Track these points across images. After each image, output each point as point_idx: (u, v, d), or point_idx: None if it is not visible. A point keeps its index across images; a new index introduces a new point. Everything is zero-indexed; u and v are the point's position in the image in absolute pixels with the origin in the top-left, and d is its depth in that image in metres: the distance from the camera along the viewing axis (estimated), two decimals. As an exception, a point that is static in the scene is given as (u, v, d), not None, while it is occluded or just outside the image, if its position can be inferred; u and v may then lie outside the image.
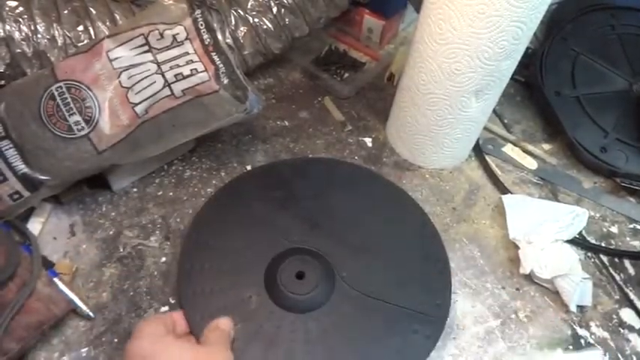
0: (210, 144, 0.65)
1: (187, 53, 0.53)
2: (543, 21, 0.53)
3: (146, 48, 0.52)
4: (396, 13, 0.79)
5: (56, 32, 0.57)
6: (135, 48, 0.52)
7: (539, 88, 0.71)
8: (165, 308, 0.51)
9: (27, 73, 0.57)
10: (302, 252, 0.52)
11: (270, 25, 0.65)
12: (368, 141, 0.68)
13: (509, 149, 0.70)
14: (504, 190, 0.64)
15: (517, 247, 0.57)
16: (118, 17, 0.60)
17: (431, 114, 0.59)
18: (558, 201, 0.65)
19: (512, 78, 0.58)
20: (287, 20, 0.66)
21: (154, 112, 0.52)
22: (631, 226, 0.64)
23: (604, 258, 0.60)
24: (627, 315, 0.56)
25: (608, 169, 0.67)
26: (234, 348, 0.45)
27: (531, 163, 0.68)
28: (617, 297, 0.57)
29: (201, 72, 0.52)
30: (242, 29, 0.64)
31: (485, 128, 0.70)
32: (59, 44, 0.57)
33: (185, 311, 0.47)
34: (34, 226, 0.54)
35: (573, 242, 0.60)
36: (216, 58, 0.53)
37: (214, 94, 0.53)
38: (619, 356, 0.52)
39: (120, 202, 0.58)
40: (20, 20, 0.56)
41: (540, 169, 0.68)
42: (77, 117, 0.50)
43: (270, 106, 0.70)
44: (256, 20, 0.65)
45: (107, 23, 0.59)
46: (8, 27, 0.55)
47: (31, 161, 0.50)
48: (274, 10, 0.65)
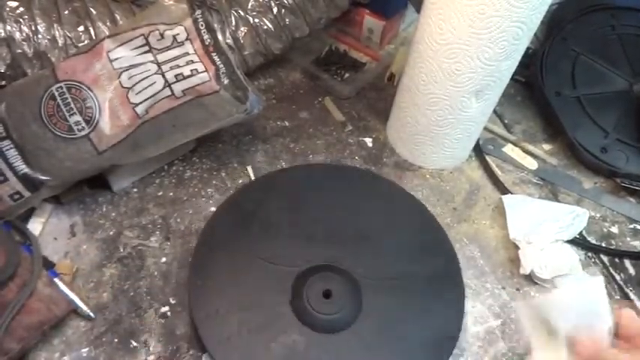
0: (210, 144, 0.65)
1: (188, 53, 0.53)
2: (543, 21, 0.53)
3: (146, 48, 0.52)
4: (397, 14, 0.79)
5: (57, 32, 0.57)
6: (135, 48, 0.52)
7: (539, 89, 0.71)
8: (165, 308, 0.51)
9: (28, 74, 0.57)
10: (325, 269, 0.50)
11: (270, 26, 0.65)
12: (368, 141, 0.68)
13: (509, 149, 0.70)
14: (504, 191, 0.64)
15: (517, 248, 0.57)
16: (119, 17, 0.60)
17: (431, 114, 0.59)
18: (558, 201, 0.65)
19: (512, 78, 0.58)
20: (287, 20, 0.66)
21: (155, 113, 0.52)
22: (631, 227, 0.64)
23: (604, 258, 0.60)
24: (628, 315, 0.56)
25: (608, 170, 0.67)
26: None
27: (532, 164, 0.68)
28: (617, 297, 0.57)
29: (201, 72, 0.52)
30: (242, 29, 0.64)
31: (485, 128, 0.70)
32: (60, 44, 0.57)
33: (199, 335, 0.45)
34: (35, 227, 0.54)
35: (574, 242, 0.60)
36: (216, 59, 0.53)
37: (215, 95, 0.53)
38: (619, 356, 0.52)
39: (120, 203, 0.58)
40: (21, 20, 0.56)
41: (540, 170, 0.68)
42: (77, 117, 0.50)
43: (270, 107, 0.70)
44: (257, 20, 0.65)
45: (107, 23, 0.59)
46: (9, 27, 0.55)
47: (32, 161, 0.50)
48: (275, 11, 0.65)
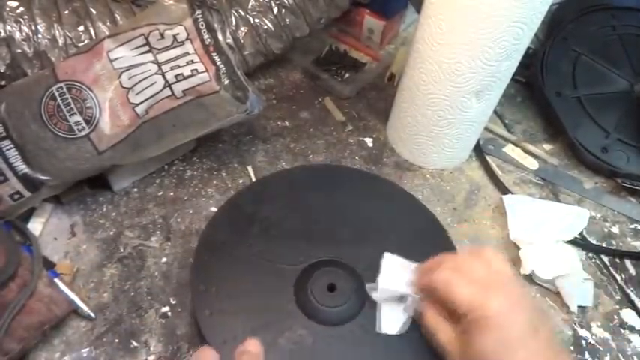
0: (210, 144, 0.65)
1: (188, 53, 0.53)
2: (544, 21, 0.53)
3: (147, 48, 0.52)
4: (397, 14, 0.79)
5: (57, 32, 0.57)
6: (135, 48, 0.52)
7: (539, 89, 0.71)
8: (166, 308, 0.51)
9: (28, 74, 0.57)
10: (328, 264, 0.50)
11: (270, 26, 0.65)
12: (368, 141, 0.68)
13: (509, 150, 0.70)
14: (505, 191, 0.64)
15: (518, 248, 0.57)
16: (119, 17, 0.60)
17: (431, 114, 0.59)
18: (559, 201, 0.65)
19: (512, 78, 0.58)
20: (287, 20, 0.66)
21: (155, 113, 0.52)
22: (632, 227, 0.64)
23: (605, 258, 0.60)
24: (628, 315, 0.56)
25: (609, 170, 0.67)
26: None
27: (532, 164, 0.68)
28: (618, 297, 0.57)
29: (201, 72, 0.52)
30: (242, 29, 0.64)
31: (485, 129, 0.70)
32: (60, 44, 0.57)
33: (203, 336, 0.45)
34: (35, 227, 0.54)
35: (574, 242, 0.60)
36: (216, 59, 0.53)
37: (215, 95, 0.53)
38: (620, 357, 0.52)
39: (120, 203, 0.58)
40: (21, 20, 0.56)
41: (541, 170, 0.68)
42: (78, 117, 0.50)
43: (270, 107, 0.70)
44: (257, 20, 0.65)
45: (108, 23, 0.59)
46: (9, 27, 0.55)
47: (32, 161, 0.50)
48: (275, 11, 0.65)
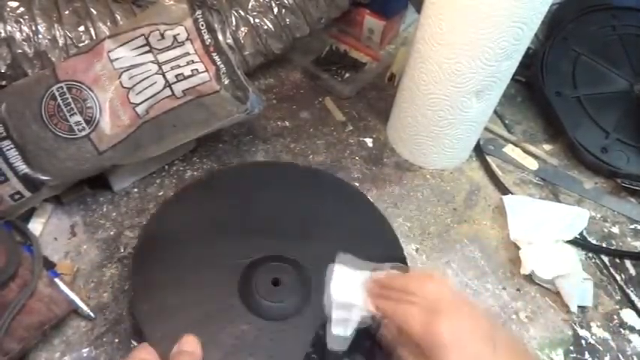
0: (210, 144, 0.65)
1: (188, 53, 0.53)
2: (544, 21, 0.53)
3: (147, 48, 0.52)
4: (397, 14, 0.79)
5: (57, 33, 0.57)
6: (136, 48, 0.52)
7: (540, 89, 0.71)
8: (166, 308, 0.51)
9: (28, 74, 0.57)
10: (273, 259, 0.50)
11: (270, 26, 0.65)
12: (369, 141, 0.68)
13: (509, 150, 0.70)
14: (505, 191, 0.64)
15: (518, 248, 0.58)
16: (119, 18, 0.60)
17: (431, 114, 0.59)
18: (559, 201, 0.65)
19: (513, 78, 0.58)
20: (288, 20, 0.66)
21: (155, 113, 0.52)
22: (632, 227, 0.64)
23: (605, 258, 0.60)
24: (628, 315, 0.56)
25: (609, 170, 0.67)
26: None
27: (532, 164, 0.68)
28: (618, 297, 0.57)
29: (201, 72, 0.52)
30: (243, 29, 0.64)
31: (485, 129, 0.70)
32: (60, 45, 0.57)
33: (143, 332, 0.45)
34: (35, 227, 0.54)
35: (574, 243, 0.60)
36: (216, 59, 0.53)
37: (215, 95, 0.53)
38: (620, 357, 0.52)
39: (121, 203, 0.58)
40: (21, 21, 0.56)
41: (541, 170, 0.68)
42: (78, 117, 0.50)
43: (270, 107, 0.70)
44: (257, 20, 0.65)
45: (108, 24, 0.59)
46: (9, 27, 0.55)
47: (32, 161, 0.50)
48: (275, 11, 0.65)
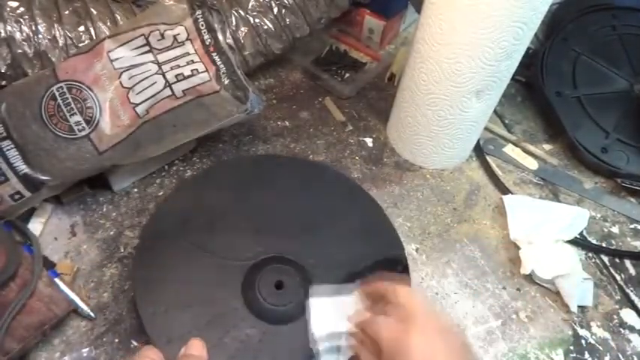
0: (210, 144, 0.65)
1: (188, 53, 0.53)
2: (544, 21, 0.53)
3: (147, 48, 0.52)
4: (397, 14, 0.79)
5: (57, 33, 0.57)
6: (136, 48, 0.52)
7: (540, 89, 0.71)
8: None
9: (28, 74, 0.57)
10: (275, 261, 0.50)
11: (270, 26, 0.65)
12: (369, 141, 0.68)
13: (510, 149, 0.70)
14: (505, 191, 0.64)
15: (518, 248, 0.58)
16: (119, 18, 0.60)
17: (431, 114, 0.59)
18: (559, 201, 0.65)
19: (513, 78, 0.58)
20: (288, 20, 0.66)
21: (155, 113, 0.52)
22: (632, 227, 0.64)
23: (605, 258, 0.60)
24: (628, 315, 0.56)
25: (609, 170, 0.67)
26: None
27: (532, 164, 0.68)
28: (617, 297, 0.57)
29: (201, 72, 0.52)
30: (243, 29, 0.64)
31: (486, 128, 0.70)
32: (60, 45, 0.57)
33: (147, 334, 0.45)
34: (35, 227, 0.54)
35: (574, 242, 0.60)
36: (216, 59, 0.53)
37: (215, 95, 0.53)
38: (620, 357, 0.52)
39: (121, 203, 0.58)
40: (21, 21, 0.56)
41: (541, 170, 0.68)
42: (78, 117, 0.50)
43: (270, 107, 0.70)
44: (257, 21, 0.65)
45: (108, 24, 0.59)
46: (9, 27, 0.55)
47: (32, 161, 0.50)
48: (275, 11, 0.65)
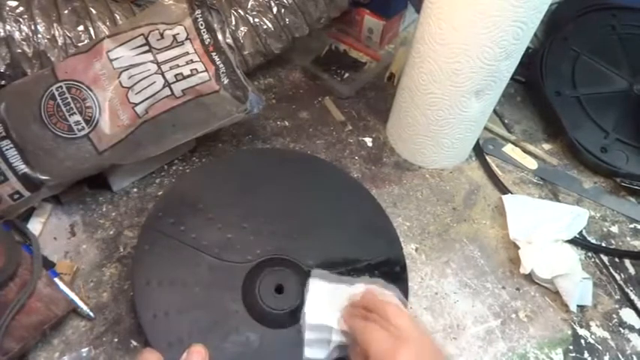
0: (210, 144, 0.65)
1: (187, 53, 0.53)
2: (543, 21, 0.53)
3: (146, 48, 0.52)
4: (397, 14, 0.79)
5: (56, 32, 0.57)
6: (135, 48, 0.52)
7: (539, 88, 0.71)
8: (165, 308, 0.51)
9: (27, 73, 0.57)
10: (276, 263, 0.50)
11: (270, 25, 0.65)
12: (368, 141, 0.68)
13: (509, 149, 0.70)
14: (505, 190, 0.64)
15: (517, 247, 0.58)
16: (119, 17, 0.60)
17: (431, 114, 0.59)
18: (559, 201, 0.65)
19: (512, 78, 0.58)
20: (287, 20, 0.66)
21: (154, 112, 0.52)
22: (631, 226, 0.64)
23: (604, 258, 0.60)
24: (627, 315, 0.56)
25: (608, 169, 0.67)
26: None
27: (532, 163, 0.68)
28: (617, 297, 0.57)
29: (201, 72, 0.52)
30: (242, 29, 0.64)
31: (485, 128, 0.70)
32: (59, 44, 0.57)
33: (147, 338, 0.44)
34: (35, 226, 0.54)
35: (574, 242, 0.60)
36: (216, 58, 0.53)
37: (214, 94, 0.53)
38: (619, 356, 0.52)
39: (120, 202, 0.58)
40: (20, 20, 0.56)
41: (541, 169, 0.68)
42: (77, 117, 0.50)
43: (270, 106, 0.70)
44: (257, 20, 0.65)
45: (107, 23, 0.59)
46: (9, 27, 0.55)
47: (32, 161, 0.50)
48: (274, 10, 0.65)
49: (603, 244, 0.61)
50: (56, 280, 0.48)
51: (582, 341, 0.53)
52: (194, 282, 0.48)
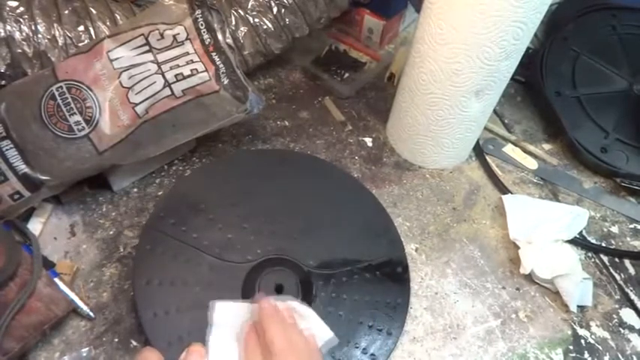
0: (210, 144, 0.65)
1: (188, 53, 0.53)
2: (543, 21, 0.53)
3: (146, 48, 0.52)
4: (397, 14, 0.79)
5: (57, 32, 0.57)
6: (135, 48, 0.52)
7: (539, 88, 0.71)
8: (165, 308, 0.51)
9: (28, 74, 0.57)
10: (276, 262, 0.50)
11: (270, 26, 0.65)
12: (368, 141, 0.68)
13: (509, 149, 0.70)
14: (505, 190, 0.64)
15: (517, 247, 0.58)
16: (119, 17, 0.60)
17: (431, 114, 0.59)
18: (559, 201, 0.65)
19: (512, 78, 0.58)
20: (287, 20, 0.66)
21: (155, 112, 0.52)
22: (631, 226, 0.64)
23: (604, 258, 0.60)
24: (627, 315, 0.56)
25: (608, 170, 0.67)
26: None
27: (532, 163, 0.68)
28: (617, 297, 0.57)
29: (201, 72, 0.52)
30: (242, 29, 0.64)
31: (485, 128, 0.70)
32: (60, 44, 0.57)
33: (147, 337, 0.45)
34: (35, 226, 0.54)
35: (574, 242, 0.60)
36: (216, 58, 0.53)
37: (215, 94, 0.53)
38: (619, 356, 0.52)
39: (120, 202, 0.58)
40: (21, 20, 0.56)
41: (541, 169, 0.68)
42: (78, 117, 0.50)
43: (270, 106, 0.70)
44: (257, 20, 0.65)
45: (107, 23, 0.59)
46: (9, 27, 0.55)
47: (32, 161, 0.50)
48: (275, 10, 0.65)
49: (603, 245, 0.61)
50: (56, 280, 0.48)
51: (582, 341, 0.53)
52: (195, 281, 0.48)
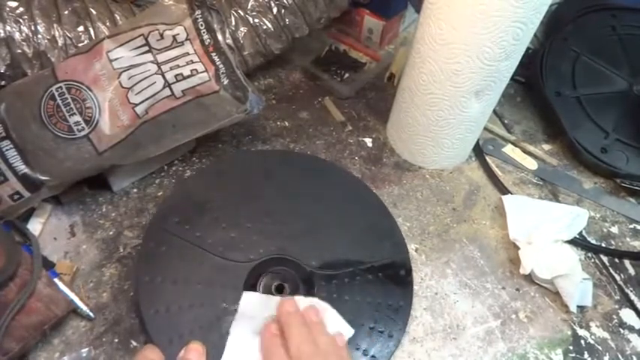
0: (210, 144, 0.65)
1: (187, 54, 0.53)
2: (543, 21, 0.53)
3: (146, 48, 0.52)
4: (397, 14, 0.79)
5: (56, 33, 0.57)
6: (135, 48, 0.52)
7: (539, 89, 0.71)
8: (165, 308, 0.51)
9: (27, 74, 0.57)
10: (277, 262, 0.50)
11: (270, 26, 0.65)
12: (368, 141, 0.68)
13: (509, 150, 0.70)
14: (504, 191, 0.64)
15: (517, 248, 0.58)
16: (119, 18, 0.60)
17: (431, 114, 0.59)
18: (558, 201, 0.65)
19: (512, 78, 0.58)
20: (287, 21, 0.66)
21: (154, 113, 0.52)
22: (631, 227, 0.64)
23: (604, 258, 0.60)
24: (627, 315, 0.56)
25: (608, 170, 0.67)
26: None
27: (531, 164, 0.68)
28: (617, 297, 0.57)
29: (201, 72, 0.52)
30: (242, 30, 0.64)
31: (485, 129, 0.70)
32: (59, 45, 0.57)
33: (148, 334, 0.45)
34: (35, 227, 0.54)
35: (573, 243, 0.60)
36: (216, 59, 0.53)
37: (214, 95, 0.53)
38: (619, 356, 0.52)
39: (120, 203, 0.58)
40: (21, 21, 0.56)
41: (540, 170, 0.68)
42: (77, 117, 0.50)
43: (270, 107, 0.70)
44: (256, 21, 0.65)
45: (107, 24, 0.59)
46: (9, 27, 0.55)
47: (32, 162, 0.50)
48: (274, 11, 0.65)
49: (603, 245, 0.61)
50: (56, 281, 0.48)
51: (582, 342, 0.53)
52: (197, 280, 0.49)
